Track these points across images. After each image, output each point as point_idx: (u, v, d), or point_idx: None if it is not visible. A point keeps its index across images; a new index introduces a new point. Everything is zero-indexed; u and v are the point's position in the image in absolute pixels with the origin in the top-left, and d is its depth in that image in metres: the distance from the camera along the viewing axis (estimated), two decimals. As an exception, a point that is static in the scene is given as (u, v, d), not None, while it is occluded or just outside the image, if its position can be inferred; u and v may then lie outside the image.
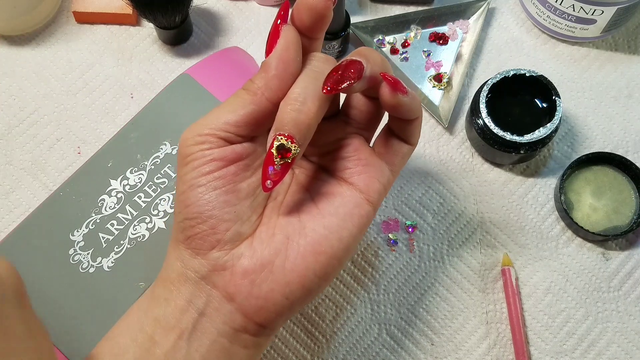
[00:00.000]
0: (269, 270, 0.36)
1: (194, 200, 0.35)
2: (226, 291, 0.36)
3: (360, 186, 0.38)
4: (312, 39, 0.37)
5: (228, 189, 0.36)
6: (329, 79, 0.34)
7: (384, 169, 0.38)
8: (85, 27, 0.63)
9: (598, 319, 0.53)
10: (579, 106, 0.59)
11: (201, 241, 0.36)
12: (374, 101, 0.39)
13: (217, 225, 0.35)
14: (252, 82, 0.36)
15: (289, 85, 0.35)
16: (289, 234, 0.36)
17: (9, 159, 0.58)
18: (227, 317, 0.36)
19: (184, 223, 0.36)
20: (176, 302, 0.36)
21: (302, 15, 0.35)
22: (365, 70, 0.34)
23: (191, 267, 0.36)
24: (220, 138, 0.35)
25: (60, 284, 0.45)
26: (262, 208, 0.38)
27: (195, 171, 0.35)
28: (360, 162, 0.38)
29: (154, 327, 0.36)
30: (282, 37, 0.35)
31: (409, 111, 0.36)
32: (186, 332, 0.35)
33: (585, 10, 0.56)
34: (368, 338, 0.52)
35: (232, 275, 0.36)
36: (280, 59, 0.35)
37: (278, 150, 0.34)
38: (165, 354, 0.35)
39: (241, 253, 0.36)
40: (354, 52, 0.36)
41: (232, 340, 0.36)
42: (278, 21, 0.36)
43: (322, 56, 0.37)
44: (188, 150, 0.36)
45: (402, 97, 0.35)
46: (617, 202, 0.54)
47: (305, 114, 0.34)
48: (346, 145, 0.39)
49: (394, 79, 0.35)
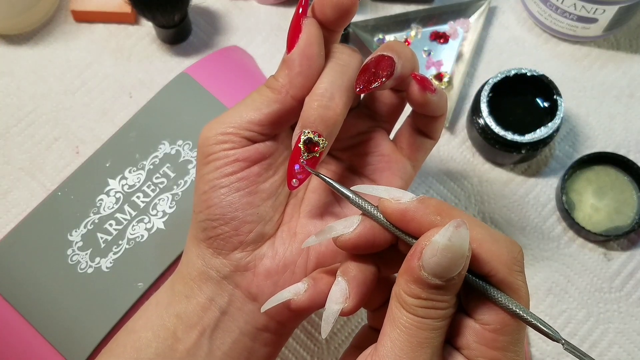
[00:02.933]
0: (291, 271, 0.36)
1: (217, 202, 0.35)
2: (249, 291, 0.36)
3: (382, 183, 0.37)
4: (333, 31, 0.35)
5: (251, 190, 0.35)
6: (361, 77, 0.33)
7: (406, 164, 0.38)
8: (83, 26, 0.62)
9: (600, 320, 0.53)
10: (581, 106, 0.59)
11: (223, 242, 0.35)
12: (397, 94, 0.38)
13: (240, 227, 0.35)
14: (275, 80, 0.35)
15: (314, 82, 0.34)
16: (311, 233, 0.36)
17: (6, 159, 0.57)
18: (249, 316, 0.36)
19: (205, 223, 0.35)
20: (197, 300, 0.36)
21: (325, 9, 0.34)
22: (396, 67, 0.34)
23: (213, 267, 0.36)
24: (244, 137, 0.35)
25: (59, 285, 0.44)
26: (284, 206, 0.37)
27: (217, 171, 0.35)
28: (383, 159, 0.38)
29: (176, 323, 0.35)
30: (305, 32, 0.34)
31: (436, 109, 0.36)
32: (208, 330, 0.35)
33: (587, 9, 0.56)
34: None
35: (255, 276, 0.35)
36: (304, 55, 0.34)
37: (305, 145, 0.33)
38: (188, 350, 0.35)
39: (263, 254, 0.36)
40: (385, 46, 0.35)
41: (254, 339, 0.36)
42: (300, 10, 0.34)
43: (346, 48, 0.36)
44: (210, 149, 0.35)
45: (431, 95, 0.35)
46: (618, 202, 0.54)
47: (332, 110, 0.33)
48: (368, 140, 0.38)
49: (422, 77, 0.34)
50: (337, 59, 0.35)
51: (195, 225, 0.36)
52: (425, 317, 0.28)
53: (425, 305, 0.28)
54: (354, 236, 0.31)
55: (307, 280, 0.35)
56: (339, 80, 0.34)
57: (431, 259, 0.28)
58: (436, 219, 0.30)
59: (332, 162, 0.39)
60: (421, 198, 0.30)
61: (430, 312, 0.28)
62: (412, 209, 0.30)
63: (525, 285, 0.30)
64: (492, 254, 0.29)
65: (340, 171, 0.39)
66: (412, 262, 0.28)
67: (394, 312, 0.29)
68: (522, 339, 0.30)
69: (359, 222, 0.32)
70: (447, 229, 0.28)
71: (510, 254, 0.29)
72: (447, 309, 0.29)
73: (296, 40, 0.34)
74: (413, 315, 0.29)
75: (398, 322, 0.29)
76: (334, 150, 0.39)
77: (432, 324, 0.29)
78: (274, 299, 0.34)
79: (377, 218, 0.31)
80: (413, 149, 0.38)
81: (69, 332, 0.44)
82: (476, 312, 0.30)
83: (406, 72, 0.34)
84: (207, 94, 0.49)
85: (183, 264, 0.37)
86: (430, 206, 0.30)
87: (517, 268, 0.29)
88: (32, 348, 0.44)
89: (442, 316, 0.29)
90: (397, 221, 0.31)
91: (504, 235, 0.30)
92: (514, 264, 0.29)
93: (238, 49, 0.55)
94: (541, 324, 0.29)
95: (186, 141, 0.48)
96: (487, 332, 0.29)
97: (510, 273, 0.29)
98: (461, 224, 0.28)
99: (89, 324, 0.44)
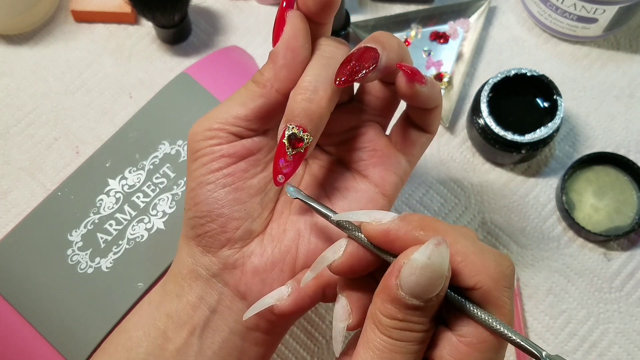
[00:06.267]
0: (280, 269, 0.35)
1: (203, 198, 0.34)
2: (237, 289, 0.35)
3: (375, 179, 0.37)
4: (320, 24, 0.35)
5: (238, 186, 0.35)
6: (341, 70, 0.32)
7: (400, 160, 0.37)
8: (83, 26, 0.62)
9: (600, 320, 0.53)
10: (581, 106, 0.59)
11: (211, 239, 0.35)
12: (390, 87, 0.37)
13: (227, 224, 0.35)
14: (260, 74, 0.34)
15: (299, 74, 0.33)
16: (301, 230, 0.36)
17: (6, 159, 0.57)
18: (239, 315, 0.35)
19: (194, 221, 0.35)
20: (187, 298, 0.35)
21: (308, 2, 0.33)
22: (380, 59, 0.32)
23: (202, 265, 0.35)
24: (230, 133, 0.34)
25: (59, 285, 0.44)
26: (274, 204, 0.37)
27: (204, 168, 0.34)
28: (376, 154, 0.37)
29: (166, 322, 0.35)
30: (289, 24, 0.33)
31: (427, 100, 0.34)
32: (198, 329, 0.35)
33: (587, 9, 0.56)
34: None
35: (243, 273, 0.35)
36: (288, 47, 0.33)
37: (289, 140, 0.32)
38: (178, 349, 0.35)
39: (252, 251, 0.35)
40: (369, 38, 0.33)
41: (244, 338, 0.36)
42: (284, 4, 0.33)
43: (332, 41, 0.35)
44: (197, 145, 0.35)
45: (420, 87, 0.33)
46: (618, 202, 0.54)
47: (316, 103, 0.32)
48: (361, 134, 0.37)
49: (411, 69, 0.33)
50: (322, 51, 0.34)
51: (185, 223, 0.36)
52: (400, 340, 0.28)
53: (400, 326, 0.28)
54: (344, 259, 0.31)
55: (292, 283, 0.34)
56: (323, 72, 0.33)
57: (409, 278, 0.27)
58: (420, 234, 0.29)
59: (324, 157, 0.38)
60: (403, 215, 0.30)
61: (405, 334, 0.28)
62: (394, 228, 0.29)
63: (511, 302, 0.29)
64: (477, 267, 0.28)
65: (332, 167, 0.38)
66: (389, 280, 0.28)
67: (368, 333, 0.29)
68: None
69: (345, 244, 0.31)
70: (426, 246, 0.27)
71: (499, 267, 0.28)
72: (422, 332, 0.28)
73: (281, 33, 0.33)
74: (387, 337, 0.28)
75: (371, 343, 0.28)
76: (325, 145, 0.38)
77: (406, 348, 0.28)
78: (257, 305, 0.34)
79: (361, 240, 0.31)
80: (408, 144, 0.37)
81: (69, 332, 0.44)
82: (455, 324, 0.29)
83: (392, 64, 0.33)
84: (207, 94, 0.49)
85: (175, 263, 0.37)
86: (412, 222, 0.29)
87: (504, 283, 0.28)
88: (32, 348, 0.44)
89: (417, 340, 0.28)
90: (382, 243, 0.30)
91: (494, 250, 0.29)
92: (501, 278, 0.28)
93: (238, 48, 0.55)
94: (523, 340, 0.28)
95: (186, 141, 0.48)
96: (462, 346, 0.28)
97: (496, 287, 0.28)
98: (441, 242, 0.27)
99: (89, 324, 0.44)
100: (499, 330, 0.28)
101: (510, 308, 0.29)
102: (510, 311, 0.29)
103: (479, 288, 0.28)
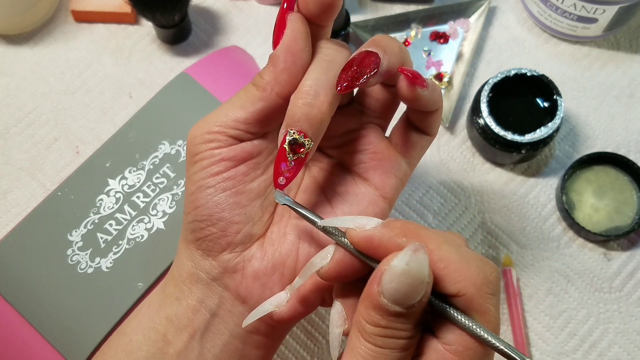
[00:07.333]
0: (280, 273, 0.35)
1: (203, 202, 0.34)
2: (238, 293, 0.35)
3: (375, 182, 0.36)
4: (321, 26, 0.34)
5: (238, 189, 0.34)
6: (343, 76, 0.32)
7: (400, 162, 0.37)
8: (83, 26, 0.62)
9: (600, 320, 0.53)
10: (581, 106, 0.59)
11: (211, 243, 0.35)
12: (390, 89, 0.37)
13: (227, 228, 0.34)
14: (260, 77, 0.34)
15: (300, 78, 0.33)
16: (301, 234, 0.36)
17: (6, 159, 0.57)
18: (239, 318, 0.35)
19: (194, 224, 0.35)
20: (188, 302, 0.35)
21: (309, 4, 0.33)
22: (382, 63, 0.32)
23: (202, 268, 0.35)
24: (230, 136, 0.34)
25: (59, 285, 0.44)
26: (274, 207, 0.37)
27: (203, 171, 0.34)
28: (376, 156, 0.37)
29: (167, 325, 0.35)
30: (289, 27, 0.33)
31: (428, 103, 0.34)
32: (198, 332, 0.35)
33: (587, 9, 0.56)
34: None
35: (243, 277, 0.35)
36: (288, 51, 0.33)
37: (290, 145, 0.32)
38: (178, 353, 0.35)
39: (252, 255, 0.35)
40: (370, 42, 0.33)
41: (245, 342, 0.36)
42: (285, 5, 0.33)
43: (333, 44, 0.35)
44: (196, 148, 0.34)
45: (421, 90, 0.33)
46: (618, 202, 0.54)
47: (317, 108, 0.32)
48: (361, 137, 0.37)
49: (412, 72, 0.32)
50: (323, 54, 0.34)
51: (184, 227, 0.36)
52: (384, 347, 0.28)
53: (384, 334, 0.28)
54: (332, 265, 0.31)
55: (290, 288, 0.34)
56: (324, 76, 0.33)
57: (390, 285, 0.27)
58: (402, 240, 0.29)
59: (324, 160, 0.38)
60: (386, 222, 0.30)
61: (389, 341, 0.28)
62: (377, 234, 0.29)
63: (495, 309, 0.29)
64: (460, 274, 0.28)
65: (332, 169, 0.38)
66: (371, 287, 0.28)
67: (353, 341, 0.28)
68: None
69: (333, 251, 0.31)
70: (404, 253, 0.27)
71: (482, 274, 0.28)
72: (407, 339, 0.28)
73: (281, 35, 0.33)
74: (372, 344, 0.28)
75: (356, 351, 0.28)
76: (326, 148, 0.38)
77: (391, 355, 0.28)
78: (256, 312, 0.34)
79: (347, 246, 0.31)
80: (408, 146, 0.37)
81: (69, 332, 0.44)
82: (441, 331, 0.29)
83: (393, 68, 0.33)
84: (207, 94, 0.49)
85: (174, 266, 0.37)
86: (395, 229, 0.29)
87: (488, 290, 0.28)
88: (32, 348, 0.44)
89: (401, 347, 0.28)
90: (366, 249, 0.30)
91: (478, 256, 0.29)
92: (484, 285, 0.28)
93: (238, 48, 0.55)
94: (507, 348, 0.28)
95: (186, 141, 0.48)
96: (448, 354, 0.28)
97: (479, 294, 0.28)
98: (419, 248, 0.27)
99: (89, 324, 0.44)
100: (482, 336, 0.28)
101: (495, 315, 0.29)
102: (495, 318, 0.28)
103: (462, 295, 0.28)
